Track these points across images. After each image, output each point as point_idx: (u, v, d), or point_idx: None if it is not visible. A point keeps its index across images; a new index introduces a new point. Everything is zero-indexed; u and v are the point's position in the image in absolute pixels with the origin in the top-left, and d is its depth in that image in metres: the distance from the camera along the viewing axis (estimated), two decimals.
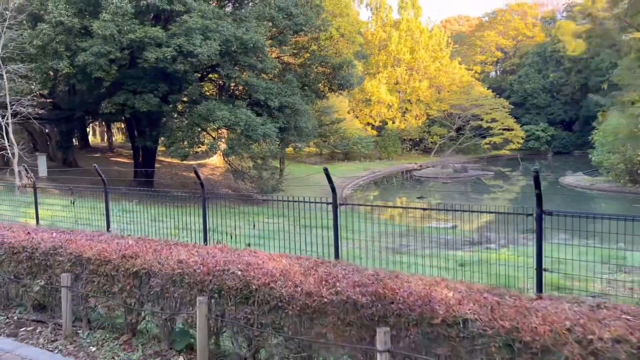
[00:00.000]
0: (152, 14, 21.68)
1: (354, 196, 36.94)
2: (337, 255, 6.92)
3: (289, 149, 36.80)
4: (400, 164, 54.28)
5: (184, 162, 33.33)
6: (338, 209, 7.02)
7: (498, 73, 76.35)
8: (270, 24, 23.06)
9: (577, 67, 63.15)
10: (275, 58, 24.47)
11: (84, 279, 6.12)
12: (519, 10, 71.77)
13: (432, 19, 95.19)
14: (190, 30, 19.77)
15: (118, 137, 41.41)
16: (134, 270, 5.61)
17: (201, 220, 8.41)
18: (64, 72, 20.57)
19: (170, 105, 23.23)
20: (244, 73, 22.54)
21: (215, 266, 5.08)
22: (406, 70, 58.89)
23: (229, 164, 31.46)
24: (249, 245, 7.73)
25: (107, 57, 19.84)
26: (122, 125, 39.09)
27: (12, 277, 6.87)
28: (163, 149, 29.44)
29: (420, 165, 53.31)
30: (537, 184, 5.49)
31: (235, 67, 22.80)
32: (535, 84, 65.43)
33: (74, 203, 10.40)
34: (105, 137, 35.42)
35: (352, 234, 7.66)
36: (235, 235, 8.52)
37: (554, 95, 65.07)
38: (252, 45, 21.11)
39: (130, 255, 5.74)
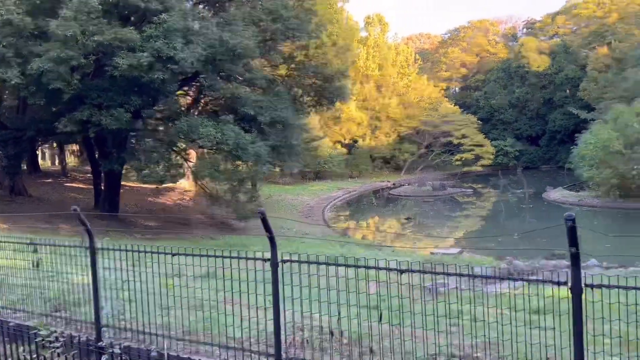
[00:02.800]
0: (124, 13, 18.47)
1: (337, 219, 34.33)
2: (277, 348, 4.46)
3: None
4: (373, 182, 52.36)
5: (147, 185, 29.83)
6: (279, 268, 4.51)
7: (462, 90, 76.27)
8: (259, 28, 20.33)
9: (541, 82, 63.55)
10: (264, 67, 21.73)
11: None
12: (481, 27, 72.13)
13: (399, 35, 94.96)
14: (170, 32, 16.75)
15: (71, 160, 37.21)
16: None
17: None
18: (12, 83, 17.01)
19: (142, 122, 19.96)
20: (230, 84, 19.66)
21: None
22: (375, 86, 57.36)
23: (202, 188, 28.29)
24: None
25: (68, 63, 16.48)
26: (76, 147, 35.01)
27: None
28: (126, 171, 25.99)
29: (394, 183, 51.51)
30: (574, 239, 3.25)
31: (218, 77, 19.87)
32: (501, 100, 65.44)
33: (37, 265, 7.04)
34: (57, 160, 31.35)
35: (301, 303, 4.74)
36: None
37: (520, 110, 65.19)
38: (240, 51, 18.27)
39: None
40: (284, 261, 4.35)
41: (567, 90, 61.05)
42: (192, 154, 28.17)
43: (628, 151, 30.28)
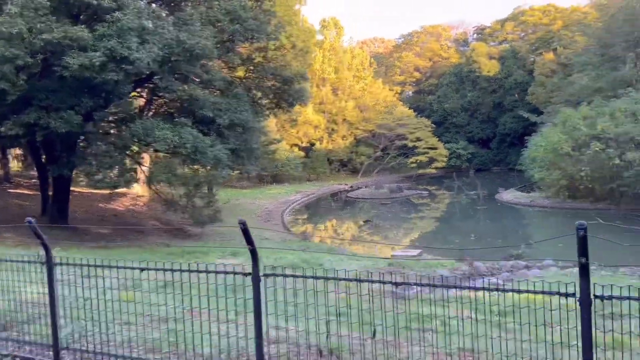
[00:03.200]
0: (74, 10, 17.55)
1: (297, 223, 34.03)
2: None
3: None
4: (330, 185, 52.37)
5: (98, 190, 28.61)
6: (262, 282, 4.21)
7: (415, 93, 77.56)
8: (216, 28, 19.79)
9: (492, 86, 65.41)
10: (222, 69, 21.18)
11: None
12: (433, 33, 73.60)
13: (354, 39, 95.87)
14: (124, 31, 16.02)
15: (14, 165, 35.25)
16: None
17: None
18: None
19: (94, 125, 19.04)
20: (187, 85, 19.03)
21: None
22: (331, 90, 57.49)
23: (157, 193, 27.37)
24: None
25: (13, 63, 15.49)
26: (20, 151, 33.22)
27: None
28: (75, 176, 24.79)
29: (351, 186, 51.72)
30: (584, 249, 3.14)
31: (175, 78, 19.21)
32: (454, 104, 66.94)
33: None
34: None
35: (286, 318, 4.61)
36: None
37: (472, 114, 66.87)
38: (198, 51, 17.71)
39: None
40: (267, 275, 4.03)
41: (516, 95, 63.08)
42: (146, 158, 27.20)
43: (576, 153, 31.43)
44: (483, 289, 3.53)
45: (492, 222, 32.75)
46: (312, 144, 55.98)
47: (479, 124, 66.67)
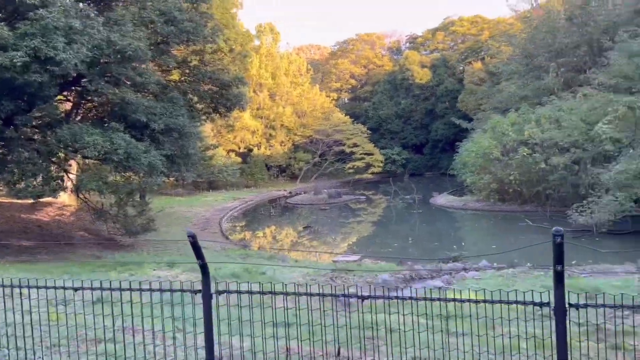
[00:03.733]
0: None
1: (235, 231, 33.33)
2: None
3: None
4: (269, 192, 51.93)
5: (21, 200, 26.74)
6: (214, 300, 3.88)
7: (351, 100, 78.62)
8: (150, 30, 18.99)
9: (424, 94, 67.44)
10: (156, 72, 20.33)
11: None
12: (368, 40, 74.98)
13: (291, 44, 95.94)
14: (50, 30, 14.98)
15: None
16: None
17: None
18: None
19: (16, 130, 17.69)
20: (119, 88, 18.08)
21: None
22: (269, 95, 57.14)
23: (86, 202, 25.94)
24: None
25: None
26: None
27: None
28: None
29: (290, 192, 51.51)
30: (560, 256, 3.22)
31: (105, 81, 18.21)
32: (389, 110, 68.42)
33: None
34: None
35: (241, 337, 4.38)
36: None
37: (406, 120, 68.62)
38: (130, 53, 16.90)
39: None
40: (219, 292, 3.69)
41: (447, 102, 65.36)
42: (74, 165, 25.71)
43: (505, 158, 32.86)
44: (454, 300, 3.40)
45: (427, 225, 33.56)
46: (250, 150, 55.35)
47: (412, 130, 68.50)
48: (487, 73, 56.33)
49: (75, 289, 4.24)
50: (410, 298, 4.13)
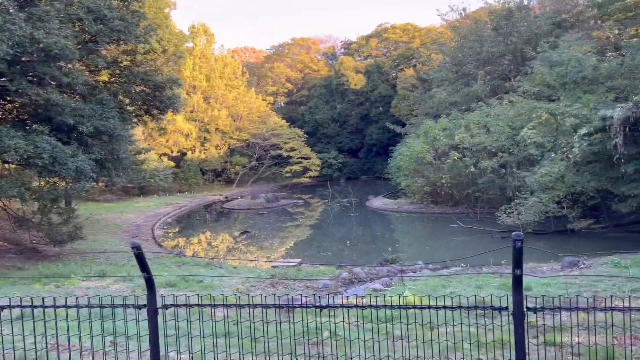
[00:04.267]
0: None
1: (168, 238, 32.27)
2: None
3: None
4: (204, 196, 50.77)
5: None
6: (158, 315, 3.65)
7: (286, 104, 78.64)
8: (78, 28, 18.03)
9: (359, 99, 68.58)
10: (84, 72, 19.31)
11: None
12: (303, 45, 75.33)
13: (225, 47, 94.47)
14: None
15: None
16: None
17: None
18: None
19: None
20: (43, 89, 17.00)
21: None
22: (203, 98, 55.97)
23: (5, 209, 24.27)
24: None
25: None
26: None
27: None
28: None
29: (226, 197, 50.66)
30: (519, 260, 3.29)
31: (28, 80, 17.10)
32: (325, 115, 69.01)
33: None
34: None
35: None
36: None
37: (341, 125, 69.47)
38: (56, 52, 15.97)
39: None
40: (166, 306, 3.46)
41: (381, 107, 66.80)
42: None
43: (437, 162, 33.95)
44: (414, 307, 3.38)
45: (364, 227, 34.03)
46: (184, 154, 53.92)
47: (348, 134, 69.45)
48: (418, 80, 58.08)
49: (2, 308, 3.86)
50: (356, 306, 4.09)
